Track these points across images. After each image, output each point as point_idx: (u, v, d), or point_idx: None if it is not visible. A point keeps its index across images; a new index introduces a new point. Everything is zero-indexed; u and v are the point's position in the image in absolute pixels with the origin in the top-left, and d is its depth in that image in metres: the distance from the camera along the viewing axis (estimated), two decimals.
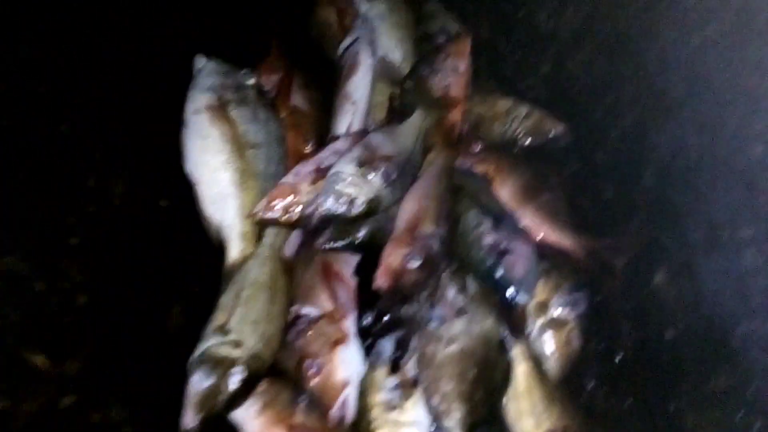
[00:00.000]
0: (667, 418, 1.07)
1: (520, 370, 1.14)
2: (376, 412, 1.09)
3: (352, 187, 1.21)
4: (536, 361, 1.16)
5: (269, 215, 1.24)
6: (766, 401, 0.92)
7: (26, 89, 0.98)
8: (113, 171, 1.13)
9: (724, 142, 1.06)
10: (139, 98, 1.27)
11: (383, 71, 1.51)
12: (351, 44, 1.53)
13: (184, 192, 1.25)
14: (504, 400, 1.13)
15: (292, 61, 1.53)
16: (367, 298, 1.13)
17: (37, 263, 0.90)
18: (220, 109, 1.32)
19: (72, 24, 1.14)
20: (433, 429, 1.07)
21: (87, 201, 1.05)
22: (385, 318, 1.06)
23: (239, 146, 1.30)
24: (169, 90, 1.33)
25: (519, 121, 1.46)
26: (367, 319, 1.08)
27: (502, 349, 1.14)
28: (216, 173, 1.27)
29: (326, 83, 1.51)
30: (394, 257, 1.11)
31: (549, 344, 1.18)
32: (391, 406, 1.09)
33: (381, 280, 1.08)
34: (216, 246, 1.23)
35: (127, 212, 1.14)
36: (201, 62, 1.39)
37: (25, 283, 0.87)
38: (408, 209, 1.24)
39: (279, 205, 1.24)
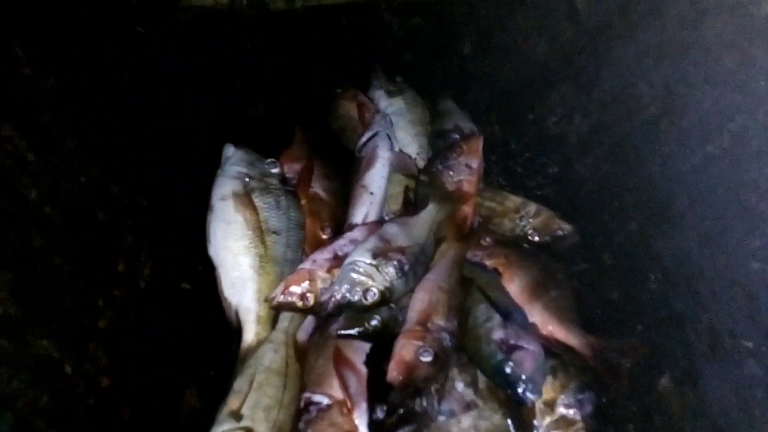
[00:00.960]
0: None
1: None
2: None
3: (366, 276, 1.26)
4: None
5: (285, 300, 1.28)
6: None
7: (63, 177, 1.04)
8: (141, 255, 1.18)
9: (724, 254, 1.12)
10: (167, 184, 1.35)
11: (399, 164, 1.59)
12: (370, 138, 1.62)
13: (206, 275, 1.30)
14: None
15: (314, 152, 1.62)
16: (378, 388, 1.14)
17: (68, 347, 0.93)
18: (245, 197, 1.39)
19: (107, 109, 1.22)
20: None
21: (116, 285, 1.10)
22: (397, 411, 1.08)
23: (261, 232, 1.36)
24: (196, 176, 1.41)
25: (528, 218, 1.52)
26: (379, 412, 1.09)
27: None
28: (237, 258, 1.32)
29: (345, 174, 1.59)
30: (406, 350, 1.14)
31: None
32: None
33: (394, 373, 1.10)
34: (234, 328, 1.27)
35: (152, 295, 1.18)
36: (230, 151, 1.48)
37: (56, 367, 0.91)
38: (420, 301, 1.28)
39: (295, 290, 1.29)
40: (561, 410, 1.21)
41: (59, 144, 1.03)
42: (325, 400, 1.17)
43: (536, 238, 1.50)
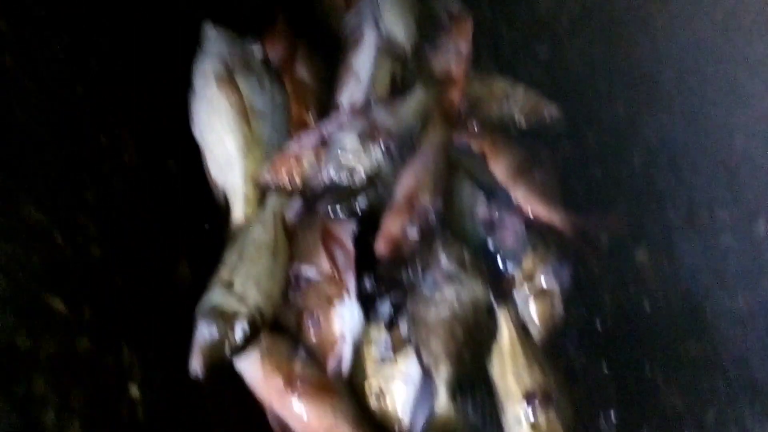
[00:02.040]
0: (640, 379, 1.15)
1: (505, 334, 1.21)
2: (369, 365, 1.16)
3: (353, 158, 1.26)
4: (521, 326, 1.23)
5: (273, 181, 1.29)
6: (731, 368, 1.00)
7: (42, 52, 1.01)
8: (124, 132, 1.17)
9: (709, 131, 1.13)
10: (148, 62, 1.31)
11: (386, 47, 1.54)
12: (356, 19, 1.56)
13: (192, 154, 1.29)
14: (489, 360, 1.20)
15: (297, 33, 1.56)
16: (365, 263, 1.18)
17: (56, 216, 0.94)
18: (227, 77, 1.35)
19: None
20: (421, 381, 1.14)
21: (100, 160, 1.09)
22: (384, 282, 1.12)
23: (245, 113, 1.34)
24: (178, 54, 1.37)
25: (515, 102, 1.51)
26: (367, 284, 1.13)
27: (489, 313, 1.21)
28: (222, 138, 1.31)
29: (330, 56, 1.55)
30: (393, 225, 1.16)
31: (534, 311, 1.25)
32: (383, 361, 1.16)
33: (381, 246, 1.13)
34: (222, 207, 1.28)
35: (138, 171, 1.17)
36: (209, 29, 1.42)
37: (45, 234, 0.92)
38: (407, 181, 1.29)
39: (282, 171, 1.29)
40: (540, 281, 1.26)
41: (31, 11, 0.99)
42: (314, 273, 1.20)
43: (523, 122, 1.50)
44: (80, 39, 1.10)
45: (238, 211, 1.29)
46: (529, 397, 1.13)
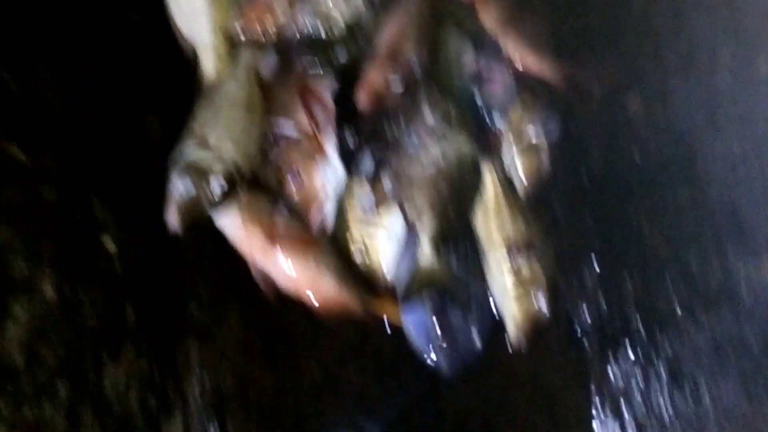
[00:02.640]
0: (625, 226, 1.15)
1: (490, 187, 1.18)
2: (352, 219, 1.14)
3: (333, 7, 1.17)
4: (506, 180, 1.20)
5: (244, 31, 1.20)
6: (718, 211, 0.99)
7: None
8: None
9: None
10: None
11: None
12: None
13: (156, 5, 1.19)
14: (474, 214, 1.18)
15: None
16: (346, 115, 1.12)
17: (10, 63, 0.86)
18: None
19: None
20: (404, 231, 1.13)
21: (54, 6, 0.99)
22: (366, 132, 1.07)
23: None
24: None
25: None
26: (348, 137, 1.08)
27: (474, 168, 1.17)
28: None
29: None
30: (375, 77, 1.10)
31: (519, 164, 1.21)
32: (366, 211, 1.13)
33: (362, 98, 1.08)
34: (191, 60, 1.20)
35: (96, 21, 1.08)
36: None
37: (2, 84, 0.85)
38: (389, 30, 1.21)
39: (254, 20, 1.20)
40: (527, 134, 1.21)
41: None
42: (292, 129, 1.15)
43: None
44: None
45: (209, 65, 1.20)
46: (511, 246, 1.13)
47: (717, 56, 1.02)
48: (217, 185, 1.04)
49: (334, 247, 1.13)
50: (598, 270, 1.15)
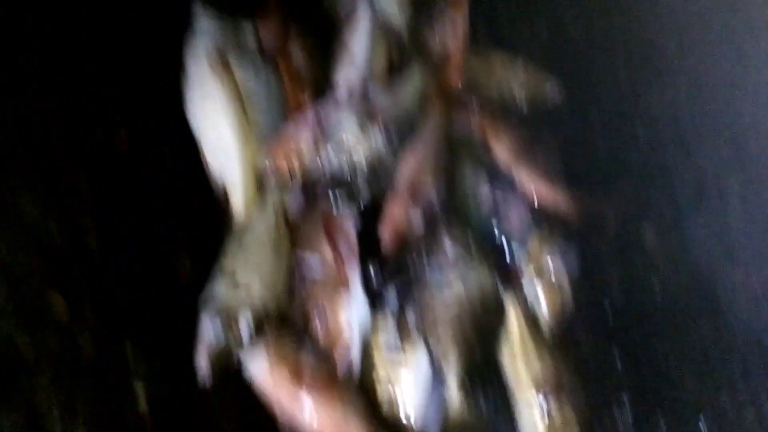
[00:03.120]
0: (652, 361, 1.15)
1: (513, 320, 1.19)
2: (377, 354, 1.15)
3: (352, 140, 1.24)
4: (529, 311, 1.22)
5: (272, 168, 1.26)
6: (745, 346, 0.99)
7: (36, 40, 0.97)
8: (117, 120, 1.14)
9: (714, 100, 1.11)
10: (140, 47, 1.27)
11: (381, 24, 1.51)
12: None
13: (188, 143, 1.26)
14: (498, 348, 1.18)
15: (290, 12, 1.52)
16: (370, 251, 1.16)
17: (51, 210, 0.91)
18: (220, 59, 1.31)
19: None
20: (431, 371, 1.13)
21: (94, 150, 1.06)
22: (389, 267, 1.10)
23: (240, 97, 1.30)
24: (170, 38, 1.32)
25: (515, 78, 1.47)
26: (372, 272, 1.11)
27: (496, 299, 1.19)
28: (217, 124, 1.28)
29: (324, 35, 1.51)
30: (396, 211, 1.15)
31: (541, 296, 1.23)
32: (391, 349, 1.14)
33: (385, 233, 1.11)
34: (222, 197, 1.25)
35: (132, 162, 1.14)
36: (200, 11, 1.38)
37: (42, 230, 0.89)
38: (407, 164, 1.27)
39: (281, 157, 1.26)
40: (546, 264, 1.24)
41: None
42: (318, 262, 1.18)
43: (523, 99, 1.47)
44: (73, 25, 1.06)
45: (238, 202, 1.26)
46: (540, 387, 1.12)
47: (726, 187, 1.07)
48: (245, 327, 1.06)
49: (360, 390, 1.13)
50: (630, 412, 1.14)
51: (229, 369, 1.05)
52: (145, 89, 1.24)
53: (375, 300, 1.12)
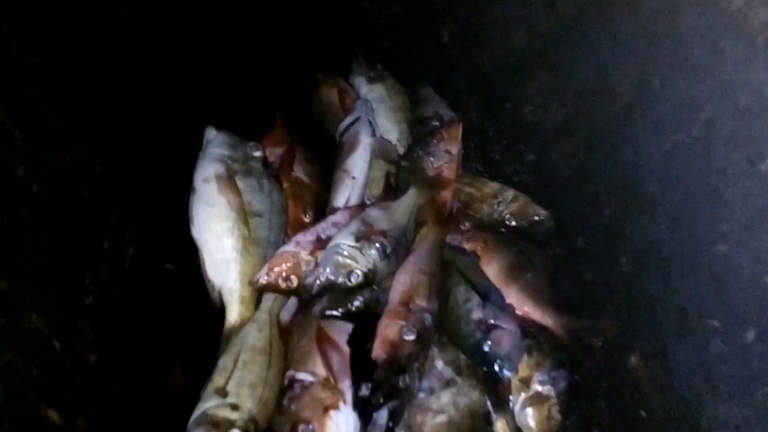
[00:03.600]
0: None
1: None
2: None
3: (350, 259, 1.28)
4: None
5: (269, 281, 1.30)
6: None
7: (53, 159, 1.04)
8: (126, 234, 1.19)
9: (693, 238, 1.17)
10: (150, 165, 1.35)
11: (380, 150, 1.61)
12: (352, 123, 1.64)
13: (189, 256, 1.31)
14: None
15: (295, 136, 1.63)
16: (361, 367, 1.17)
17: (56, 323, 0.94)
18: (227, 179, 1.39)
19: (91, 88, 1.22)
20: None
21: (101, 263, 1.10)
22: (381, 388, 1.11)
23: (244, 214, 1.37)
24: (179, 159, 1.41)
25: (506, 203, 1.57)
26: (364, 389, 1.12)
27: (486, 421, 1.20)
28: (220, 239, 1.33)
29: (326, 158, 1.61)
30: (390, 329, 1.17)
31: (531, 418, 1.24)
32: None
33: (378, 350, 1.13)
34: (218, 308, 1.29)
35: (136, 274, 1.19)
36: (211, 133, 1.48)
37: (45, 342, 0.92)
38: (402, 282, 1.31)
39: (279, 272, 1.31)
40: (536, 387, 1.26)
41: (45, 121, 1.03)
42: (309, 378, 1.19)
43: (513, 223, 1.55)
44: (89, 147, 1.14)
45: (234, 313, 1.29)
46: None
47: (707, 323, 1.11)
48: None
49: None
50: None
51: None
52: (152, 205, 1.31)
53: (365, 418, 1.11)
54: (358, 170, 1.55)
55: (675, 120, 1.25)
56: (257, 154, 1.50)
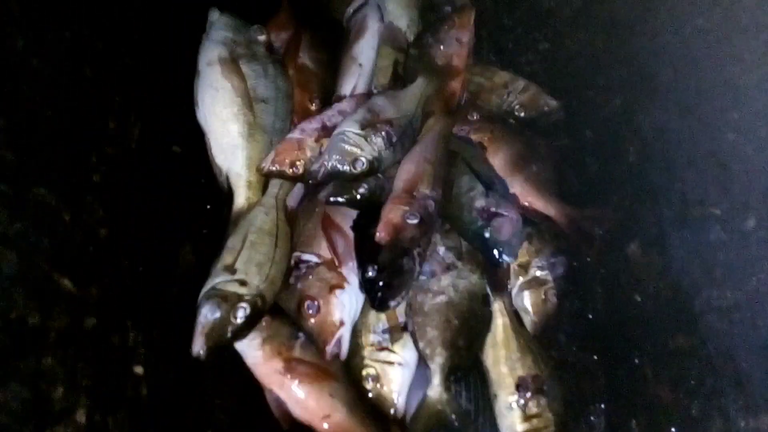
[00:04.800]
0: (630, 371, 1.19)
1: (500, 323, 1.24)
2: (367, 351, 1.19)
3: (355, 146, 1.28)
4: (515, 315, 1.26)
5: (275, 168, 1.31)
6: (718, 361, 1.03)
7: (52, 34, 1.03)
8: (131, 115, 1.19)
9: (703, 125, 1.15)
10: (155, 47, 1.33)
11: (389, 36, 1.56)
12: (359, 8, 1.58)
13: (196, 139, 1.32)
14: (483, 349, 1.23)
15: (301, 21, 1.58)
16: (366, 252, 1.20)
17: (65, 196, 0.96)
18: (231, 63, 1.37)
19: None
20: (419, 370, 1.18)
21: (107, 142, 1.11)
22: (385, 269, 1.14)
23: (249, 100, 1.36)
24: (184, 40, 1.39)
25: (516, 93, 1.53)
26: (369, 271, 1.15)
27: (484, 303, 1.24)
28: (226, 124, 1.33)
29: (333, 44, 1.57)
30: (394, 213, 1.18)
31: (528, 301, 1.28)
32: (381, 347, 1.19)
33: (382, 233, 1.15)
34: (225, 192, 1.31)
35: (143, 155, 1.20)
36: (214, 15, 1.44)
37: (54, 214, 0.94)
38: (407, 170, 1.31)
39: (285, 159, 1.31)
40: (534, 272, 1.29)
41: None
42: (315, 259, 1.23)
43: (522, 114, 1.52)
44: (88, 22, 1.12)
45: (241, 197, 1.32)
46: (520, 386, 1.17)
47: (708, 211, 1.11)
48: (242, 313, 1.10)
49: (347, 376, 1.18)
50: (604, 414, 1.18)
51: (223, 353, 1.10)
52: (157, 87, 1.30)
53: (369, 298, 1.15)
54: (365, 57, 1.52)
55: (695, 4, 1.19)
56: (261, 38, 1.46)
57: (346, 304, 1.18)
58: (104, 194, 1.06)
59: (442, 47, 1.54)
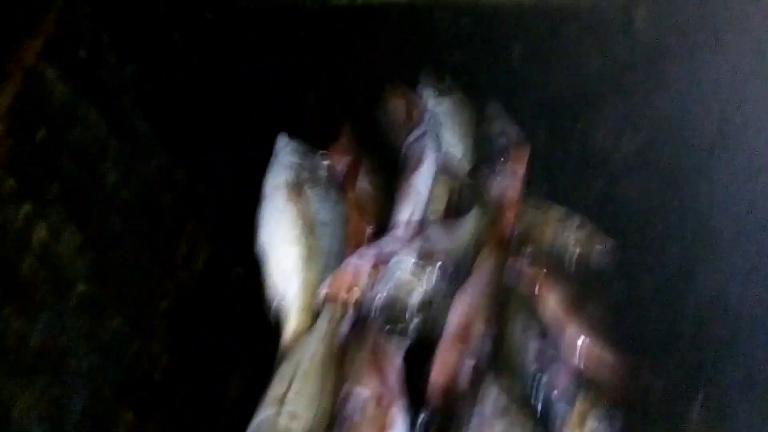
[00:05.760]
0: None
1: None
2: None
3: (411, 277, 1.29)
4: None
5: (332, 292, 1.33)
6: None
7: (142, 165, 1.08)
8: (201, 239, 1.23)
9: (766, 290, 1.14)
10: (224, 171, 1.39)
11: (446, 166, 1.61)
12: (418, 137, 1.64)
13: (256, 262, 1.34)
14: None
15: (361, 147, 1.65)
16: (416, 387, 1.18)
17: (137, 324, 0.98)
18: (297, 187, 1.42)
19: (175, 94, 1.25)
20: None
21: (178, 267, 1.14)
22: (437, 413, 1.12)
23: (311, 223, 1.40)
24: (250, 165, 1.45)
25: (570, 230, 1.53)
26: (421, 414, 1.12)
27: None
28: (286, 247, 1.36)
29: (391, 170, 1.62)
30: (449, 354, 1.17)
31: None
32: None
33: (437, 376, 1.14)
34: (274, 317, 1.31)
35: (207, 278, 1.23)
36: (283, 141, 1.51)
37: (125, 343, 0.96)
38: (462, 305, 1.30)
39: (343, 283, 1.33)
40: (591, 425, 1.25)
41: (135, 129, 1.07)
42: (364, 393, 1.21)
43: (577, 252, 1.52)
44: (172, 153, 1.18)
45: (293, 322, 1.32)
46: None
47: None
48: None
49: None
50: None
51: None
52: (226, 208, 1.35)
53: None
54: (423, 185, 1.56)
55: (758, 164, 1.21)
56: (326, 163, 1.52)
57: None
58: (170, 320, 1.08)
59: (497, 179, 1.58)
